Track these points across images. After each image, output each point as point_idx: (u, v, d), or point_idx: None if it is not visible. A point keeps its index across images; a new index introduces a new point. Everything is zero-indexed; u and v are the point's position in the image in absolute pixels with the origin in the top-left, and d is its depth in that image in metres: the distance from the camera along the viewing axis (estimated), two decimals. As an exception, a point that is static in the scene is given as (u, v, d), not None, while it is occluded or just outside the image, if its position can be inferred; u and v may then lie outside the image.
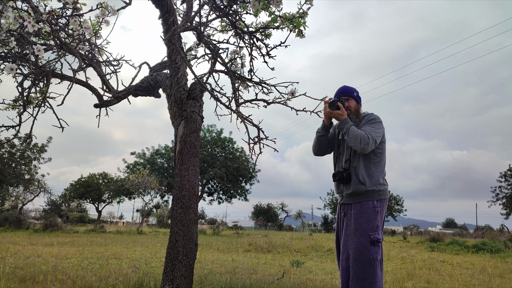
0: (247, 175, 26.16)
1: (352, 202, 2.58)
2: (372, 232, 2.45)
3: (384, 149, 2.66)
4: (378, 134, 2.54)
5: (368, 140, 2.46)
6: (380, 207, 2.52)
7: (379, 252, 2.44)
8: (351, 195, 2.58)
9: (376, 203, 2.51)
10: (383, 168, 2.61)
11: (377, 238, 2.44)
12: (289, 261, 7.36)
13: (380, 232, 2.48)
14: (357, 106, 2.74)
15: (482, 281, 5.53)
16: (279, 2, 2.40)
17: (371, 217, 2.48)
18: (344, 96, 2.76)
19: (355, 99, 2.75)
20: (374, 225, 2.46)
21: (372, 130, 2.52)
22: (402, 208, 42.52)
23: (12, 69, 2.18)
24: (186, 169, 2.85)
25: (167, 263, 2.69)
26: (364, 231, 2.45)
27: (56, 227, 19.87)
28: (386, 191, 2.58)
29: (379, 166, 2.57)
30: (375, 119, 2.63)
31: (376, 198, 2.51)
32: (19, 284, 3.94)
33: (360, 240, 2.45)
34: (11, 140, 3.59)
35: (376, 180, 2.53)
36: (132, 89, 3.30)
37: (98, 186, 32.18)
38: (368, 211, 2.49)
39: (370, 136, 2.47)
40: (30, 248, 8.23)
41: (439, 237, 16.35)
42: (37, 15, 2.24)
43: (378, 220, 2.48)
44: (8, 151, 23.25)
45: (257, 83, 3.32)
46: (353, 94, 2.76)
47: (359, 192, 2.53)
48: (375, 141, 2.50)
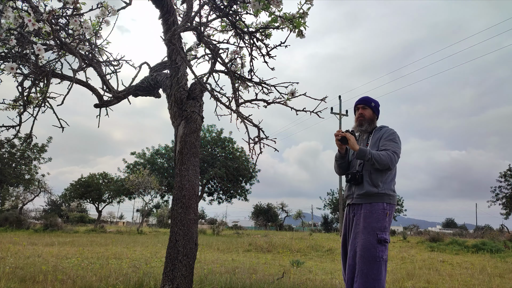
0: (247, 175, 26.15)
1: (362, 203, 2.65)
2: (380, 231, 2.53)
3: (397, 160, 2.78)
4: (400, 149, 2.69)
5: (395, 158, 2.61)
6: (390, 210, 2.61)
7: (385, 252, 2.51)
8: (363, 196, 2.65)
9: (386, 205, 2.60)
10: (393, 177, 2.71)
11: (384, 238, 2.52)
12: (289, 261, 7.36)
13: (387, 233, 2.56)
14: (372, 115, 2.86)
15: (482, 281, 5.53)
16: (279, 2, 2.40)
17: (380, 217, 2.56)
18: (362, 104, 2.87)
19: (371, 108, 2.86)
20: (382, 225, 2.54)
21: (395, 147, 2.66)
22: (402, 208, 42.51)
23: (13, 68, 2.19)
24: (186, 169, 2.85)
25: (167, 263, 2.69)
26: (372, 229, 2.53)
27: (56, 227, 19.87)
28: (395, 198, 2.69)
29: (390, 174, 2.68)
30: (394, 134, 2.74)
31: (386, 201, 2.61)
32: (19, 284, 3.94)
33: (367, 237, 2.53)
34: (11, 140, 3.60)
35: (388, 186, 2.64)
36: (132, 89, 3.30)
37: (98, 186, 32.18)
38: (377, 211, 2.57)
39: (395, 154, 2.62)
40: (30, 248, 8.23)
41: (439, 237, 16.35)
42: (37, 15, 2.24)
43: (386, 222, 2.57)
44: (8, 151, 23.24)
45: (257, 83, 3.33)
46: (371, 104, 2.87)
47: (371, 193, 2.61)
48: (399, 156, 2.65)
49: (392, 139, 2.69)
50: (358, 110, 2.86)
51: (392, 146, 2.64)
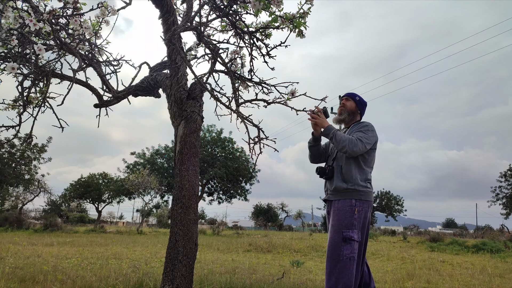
0: (247, 175, 26.15)
1: (333, 199, 2.63)
2: (346, 229, 2.46)
3: (372, 157, 2.71)
4: (369, 140, 2.59)
5: (357, 143, 2.51)
6: (360, 206, 2.53)
7: (351, 250, 2.43)
8: (333, 191, 2.63)
9: (355, 202, 2.53)
10: (367, 173, 2.64)
11: (350, 236, 2.44)
12: (289, 261, 7.35)
13: (355, 231, 2.47)
14: (354, 108, 2.84)
15: (482, 281, 5.52)
16: (279, 2, 2.40)
17: (347, 214, 2.50)
18: (346, 96, 2.89)
19: (355, 102, 2.86)
20: (349, 223, 2.48)
21: (363, 136, 2.58)
22: (402, 208, 42.50)
23: (13, 68, 2.18)
24: (186, 169, 2.85)
25: (167, 263, 2.69)
26: (339, 227, 2.49)
27: (56, 227, 19.87)
28: (368, 193, 2.60)
29: (362, 170, 2.61)
30: (367, 126, 2.69)
31: (355, 197, 2.54)
32: (19, 284, 3.93)
33: (333, 236, 2.49)
34: (11, 140, 3.59)
35: (358, 181, 2.56)
36: (132, 89, 3.30)
37: (98, 186, 32.18)
38: (345, 209, 2.52)
39: (359, 140, 2.53)
40: (30, 248, 8.23)
41: (439, 237, 16.35)
42: (38, 15, 2.24)
43: (355, 219, 2.49)
44: (8, 151, 23.24)
45: (257, 83, 3.32)
46: (355, 98, 2.88)
47: (340, 189, 2.57)
48: (365, 146, 2.55)
49: (363, 129, 2.65)
50: (342, 101, 2.90)
51: (360, 134, 2.59)
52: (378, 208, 41.86)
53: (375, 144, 2.68)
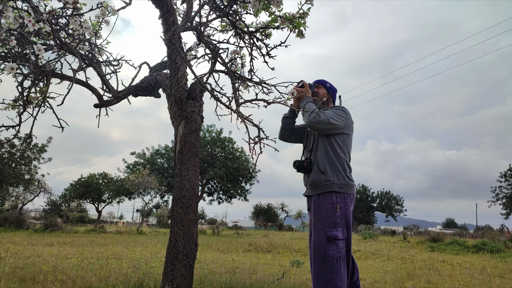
0: (247, 175, 26.16)
1: (312, 194, 2.56)
2: (330, 228, 2.39)
3: (346, 142, 2.63)
4: (335, 118, 2.54)
5: (324, 118, 2.48)
6: (341, 203, 2.45)
7: (337, 249, 2.37)
8: (312, 185, 2.57)
9: (336, 198, 2.45)
10: (345, 161, 2.58)
11: (334, 235, 2.37)
12: (289, 261, 7.35)
13: (339, 229, 2.40)
14: (326, 95, 2.86)
15: (482, 281, 5.52)
16: (279, 2, 2.40)
17: (329, 213, 2.43)
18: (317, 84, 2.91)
19: (326, 88, 2.88)
20: (331, 222, 2.41)
21: (330, 113, 2.56)
22: (402, 208, 42.52)
23: (13, 68, 2.18)
24: (186, 169, 2.85)
25: (167, 263, 2.69)
26: (322, 227, 2.42)
27: (56, 227, 19.88)
28: (349, 186, 2.52)
29: (340, 157, 2.55)
30: (338, 108, 2.68)
31: (336, 189, 2.46)
32: (19, 284, 3.94)
33: (317, 236, 2.43)
34: (11, 140, 3.59)
35: (338, 171, 2.50)
36: (132, 89, 3.30)
37: (98, 186, 32.20)
38: (326, 207, 2.45)
39: (326, 116, 2.50)
40: (30, 248, 8.23)
41: (439, 237, 16.34)
42: (37, 15, 2.24)
43: (337, 217, 2.42)
44: (8, 151, 23.25)
45: (257, 83, 3.32)
46: (326, 85, 2.90)
47: (319, 182, 2.51)
48: (330, 121, 2.50)
49: (334, 109, 2.63)
50: (314, 89, 2.90)
51: (329, 112, 2.57)
52: (378, 208, 41.86)
53: (347, 128, 2.62)
